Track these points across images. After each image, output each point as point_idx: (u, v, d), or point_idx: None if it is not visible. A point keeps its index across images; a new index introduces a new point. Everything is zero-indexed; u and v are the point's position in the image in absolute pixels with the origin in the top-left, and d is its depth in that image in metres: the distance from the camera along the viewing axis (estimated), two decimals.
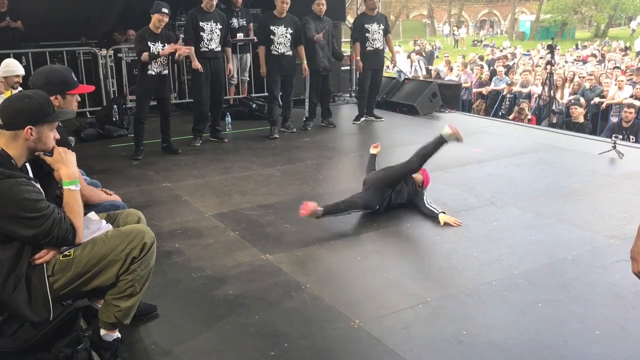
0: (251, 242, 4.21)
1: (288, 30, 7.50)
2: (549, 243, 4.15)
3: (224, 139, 7.58)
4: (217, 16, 7.15)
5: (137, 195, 5.27)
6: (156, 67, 6.47)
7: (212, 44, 7.10)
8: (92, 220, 2.73)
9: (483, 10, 50.24)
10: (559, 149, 6.97)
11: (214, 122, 7.57)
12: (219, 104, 7.55)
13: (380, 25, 8.31)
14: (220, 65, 7.34)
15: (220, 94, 7.51)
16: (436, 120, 8.90)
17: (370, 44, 8.27)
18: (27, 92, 2.59)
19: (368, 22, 8.25)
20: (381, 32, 8.32)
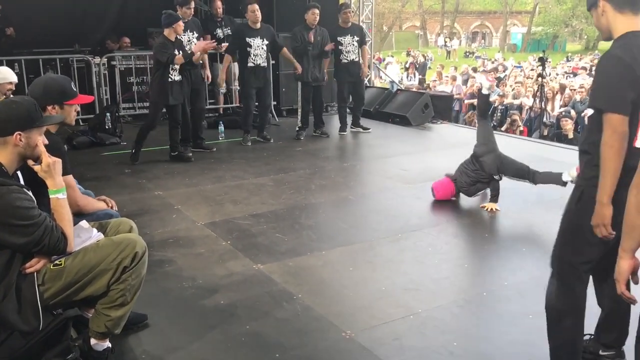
0: (243, 252, 4.21)
1: (264, 41, 7.48)
2: (539, 254, 4.16)
3: (212, 148, 7.51)
4: (192, 25, 7.11)
5: (129, 204, 5.26)
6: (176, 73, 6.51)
7: None
8: (83, 229, 2.73)
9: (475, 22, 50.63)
10: (550, 160, 7.01)
11: (196, 132, 7.44)
12: (200, 114, 7.50)
13: (354, 37, 8.25)
14: (199, 74, 7.32)
15: (201, 103, 7.45)
16: (428, 131, 8.94)
17: (344, 56, 8.23)
18: (14, 98, 2.60)
19: (341, 34, 8.20)
20: (356, 44, 8.28)
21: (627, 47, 2.27)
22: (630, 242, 1.94)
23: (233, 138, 8.15)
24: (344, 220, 5.04)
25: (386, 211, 5.17)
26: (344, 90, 8.50)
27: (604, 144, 2.22)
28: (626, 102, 2.24)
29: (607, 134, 2.21)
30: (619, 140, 2.20)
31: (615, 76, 2.29)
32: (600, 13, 2.35)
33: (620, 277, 1.99)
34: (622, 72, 2.26)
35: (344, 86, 8.46)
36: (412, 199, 5.47)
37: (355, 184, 6.26)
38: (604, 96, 2.31)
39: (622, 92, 2.24)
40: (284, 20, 9.53)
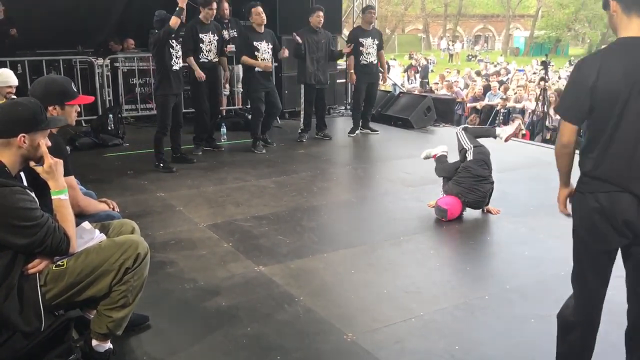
0: (244, 254, 4.21)
1: (269, 45, 7.48)
2: (541, 258, 4.16)
3: (221, 147, 7.64)
4: (214, 27, 7.23)
5: (131, 205, 5.26)
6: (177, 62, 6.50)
7: (210, 55, 7.16)
8: (86, 230, 2.73)
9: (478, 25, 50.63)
10: (552, 164, 6.97)
11: (210, 132, 7.62)
12: (216, 114, 7.61)
13: (374, 40, 8.37)
14: (218, 75, 7.39)
15: (217, 104, 7.56)
16: (430, 134, 8.94)
17: (364, 57, 8.32)
18: (19, 100, 2.60)
19: (363, 36, 8.32)
20: (375, 47, 8.37)
21: (609, 52, 2.25)
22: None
23: (235, 140, 8.16)
24: (345, 222, 5.04)
25: (388, 214, 5.17)
26: (362, 92, 8.50)
27: (555, 145, 2.46)
28: (577, 110, 2.29)
29: (558, 137, 2.44)
30: (560, 147, 2.42)
31: (572, 83, 2.31)
32: (612, 13, 2.27)
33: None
34: (581, 79, 2.25)
35: (363, 87, 8.46)
36: (414, 202, 5.46)
37: (357, 186, 6.26)
38: (561, 101, 2.41)
39: (575, 101, 2.28)
40: (287, 23, 9.53)
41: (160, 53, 6.34)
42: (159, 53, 6.35)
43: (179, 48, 6.49)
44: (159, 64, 6.47)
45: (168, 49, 6.32)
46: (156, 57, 6.49)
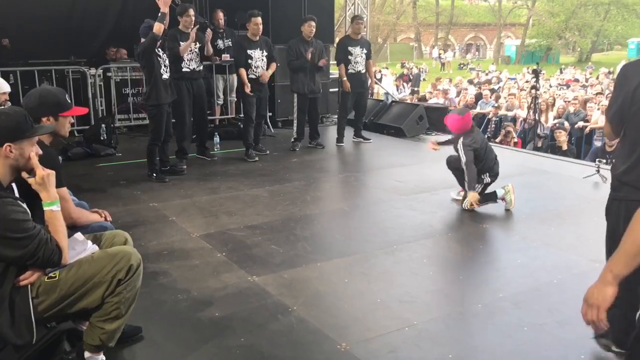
0: (238, 264, 4.20)
1: (263, 52, 7.52)
2: (534, 266, 4.17)
3: (214, 157, 7.61)
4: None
5: (124, 215, 5.25)
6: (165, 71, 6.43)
7: (192, 64, 7.08)
8: (78, 241, 2.72)
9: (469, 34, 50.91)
10: (544, 172, 7.05)
11: (202, 141, 7.57)
12: (204, 123, 7.55)
13: (363, 50, 8.42)
14: (201, 85, 7.35)
15: (203, 113, 7.47)
16: (423, 143, 8.96)
17: (352, 66, 8.37)
18: (3, 109, 2.59)
19: (352, 45, 8.37)
20: (364, 56, 8.42)
21: None
22: (625, 269, 1.74)
23: (228, 149, 8.16)
24: (339, 231, 5.04)
25: (381, 223, 5.17)
26: (348, 101, 8.55)
27: None
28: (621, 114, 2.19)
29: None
30: None
31: (616, 87, 2.27)
32: None
33: (604, 304, 1.80)
34: (624, 83, 2.21)
35: (348, 97, 8.50)
36: (407, 211, 5.48)
37: (351, 195, 6.27)
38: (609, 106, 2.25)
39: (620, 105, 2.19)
40: (280, 32, 9.57)
41: (149, 62, 6.26)
42: (147, 62, 6.27)
43: (166, 57, 6.44)
44: (147, 74, 6.39)
45: (156, 57, 6.24)
46: (144, 66, 6.42)
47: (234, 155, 7.84)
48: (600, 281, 1.78)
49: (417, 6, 47.46)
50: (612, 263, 1.75)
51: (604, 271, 1.77)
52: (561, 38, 43.13)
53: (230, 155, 7.93)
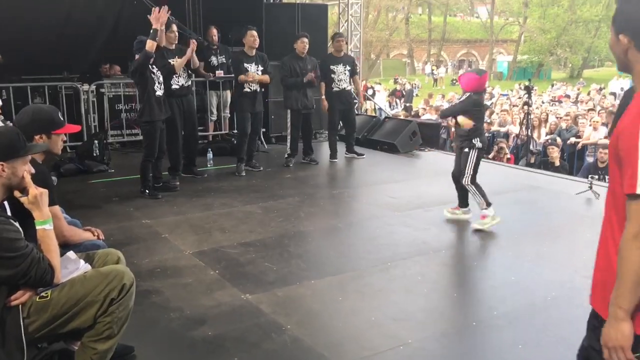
0: (231, 282, 4.17)
1: (259, 67, 7.54)
2: (528, 283, 4.17)
3: (203, 174, 7.54)
4: (179, 51, 7.09)
5: (116, 232, 5.21)
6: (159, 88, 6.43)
7: (180, 80, 7.05)
8: (71, 260, 2.70)
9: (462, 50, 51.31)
10: (537, 188, 7.07)
11: (190, 159, 7.49)
12: (194, 141, 7.52)
13: (346, 67, 8.40)
14: (191, 101, 7.35)
15: (194, 130, 7.45)
16: (416, 159, 8.99)
17: (336, 84, 8.37)
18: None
19: (333, 63, 8.36)
20: (347, 74, 8.42)
21: None
22: (632, 301, 1.66)
23: (222, 165, 8.14)
24: (333, 248, 5.02)
25: (375, 239, 5.16)
26: (335, 118, 8.57)
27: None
28: None
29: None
30: None
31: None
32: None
33: (626, 342, 1.68)
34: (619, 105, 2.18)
35: (335, 114, 8.52)
36: (400, 227, 5.47)
37: (345, 211, 6.26)
38: None
39: None
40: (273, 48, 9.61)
41: (142, 79, 6.27)
42: (140, 79, 6.29)
43: (159, 74, 6.44)
44: (141, 91, 6.41)
45: (149, 74, 6.24)
46: (138, 83, 6.44)
47: (227, 172, 7.83)
48: (614, 320, 1.69)
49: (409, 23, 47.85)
50: (618, 300, 1.68)
51: (612, 310, 1.70)
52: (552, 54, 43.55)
53: (223, 171, 7.92)
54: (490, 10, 47.68)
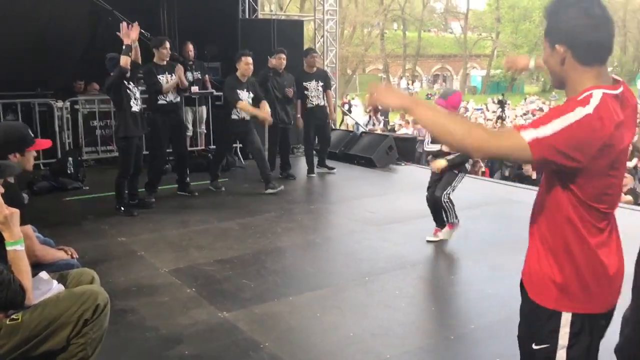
0: (208, 299, 4.13)
1: (249, 94, 7.36)
2: (505, 295, 4.19)
3: (195, 192, 7.39)
4: (170, 68, 7.04)
5: (91, 251, 5.12)
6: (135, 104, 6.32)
7: (169, 96, 7.00)
8: (43, 280, 2.65)
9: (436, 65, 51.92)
10: (512, 201, 7.16)
11: (182, 176, 7.42)
12: (184, 158, 7.45)
13: (319, 82, 8.38)
14: (180, 117, 7.31)
15: (183, 147, 7.40)
16: (393, 173, 9.05)
17: (309, 101, 8.34)
18: None
19: (306, 79, 8.32)
20: (320, 89, 8.41)
21: None
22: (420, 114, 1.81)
23: (198, 181, 8.08)
24: (311, 264, 5.01)
25: (353, 254, 5.16)
26: (311, 134, 8.59)
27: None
28: None
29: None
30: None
31: None
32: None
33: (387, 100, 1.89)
34: None
35: (311, 129, 8.54)
36: (378, 242, 5.48)
37: (322, 226, 6.26)
38: None
39: None
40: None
41: (117, 95, 6.22)
42: (116, 95, 6.24)
43: (136, 90, 6.39)
44: (116, 107, 6.39)
45: (125, 90, 6.18)
46: (113, 99, 6.40)
47: (203, 188, 7.77)
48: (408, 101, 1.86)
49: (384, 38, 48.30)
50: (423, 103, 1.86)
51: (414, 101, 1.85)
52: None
53: (200, 187, 7.86)
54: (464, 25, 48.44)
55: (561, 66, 1.78)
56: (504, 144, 1.71)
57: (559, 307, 1.83)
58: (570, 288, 1.81)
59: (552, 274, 1.83)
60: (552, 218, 1.83)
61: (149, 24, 9.20)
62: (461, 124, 1.77)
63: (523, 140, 1.66)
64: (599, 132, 1.64)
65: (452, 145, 1.87)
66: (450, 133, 1.75)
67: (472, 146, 1.74)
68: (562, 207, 1.79)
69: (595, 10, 1.71)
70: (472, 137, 1.72)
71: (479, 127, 1.80)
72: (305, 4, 29.72)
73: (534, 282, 1.90)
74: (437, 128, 1.79)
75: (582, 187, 1.73)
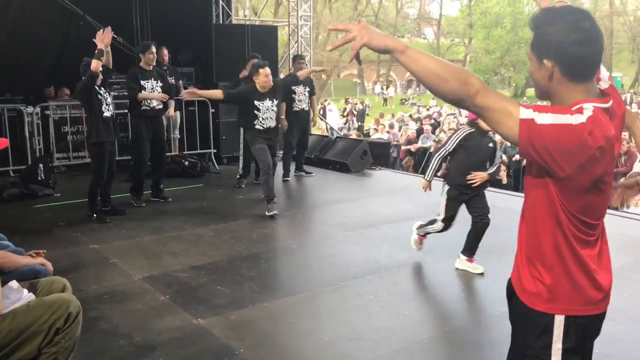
0: (182, 306, 4.10)
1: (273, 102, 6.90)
2: (479, 299, 4.26)
3: (168, 198, 7.35)
4: (156, 74, 7.03)
5: (62, 258, 5.05)
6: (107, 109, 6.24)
7: (153, 102, 6.96)
8: (13, 289, 2.61)
9: None
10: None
11: (156, 182, 7.37)
12: (160, 164, 7.37)
13: (306, 88, 8.55)
14: (161, 123, 7.25)
15: (163, 152, 7.35)
16: (367, 178, 9.10)
17: (296, 104, 8.48)
18: None
19: (295, 84, 8.47)
20: (307, 94, 8.57)
21: None
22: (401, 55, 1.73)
23: (171, 187, 8.02)
24: (286, 269, 5.02)
25: (328, 259, 5.18)
26: (292, 138, 8.60)
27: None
28: None
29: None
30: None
31: None
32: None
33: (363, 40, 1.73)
34: None
35: (293, 134, 8.58)
36: (352, 247, 5.51)
37: (297, 232, 6.26)
38: None
39: None
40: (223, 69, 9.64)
41: (87, 100, 6.16)
42: (86, 100, 6.18)
43: (107, 95, 6.33)
44: (87, 112, 6.32)
45: (95, 95, 6.11)
46: (84, 104, 6.35)
47: (178, 193, 7.72)
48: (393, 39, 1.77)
49: None
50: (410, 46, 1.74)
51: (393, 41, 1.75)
52: (497, 74, 45.00)
53: (173, 193, 7.80)
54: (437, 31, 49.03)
55: (549, 81, 1.72)
56: (498, 103, 1.63)
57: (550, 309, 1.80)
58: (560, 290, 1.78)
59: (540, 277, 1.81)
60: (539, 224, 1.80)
61: (121, 28, 9.13)
62: (456, 70, 1.67)
63: (517, 112, 1.60)
64: (590, 142, 1.59)
65: (442, 93, 1.69)
66: (443, 79, 1.65)
67: (466, 94, 1.63)
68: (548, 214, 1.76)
69: (585, 23, 1.66)
70: (468, 85, 1.63)
71: (474, 76, 1.67)
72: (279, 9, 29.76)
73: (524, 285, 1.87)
74: (428, 74, 1.68)
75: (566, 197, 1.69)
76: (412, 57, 1.70)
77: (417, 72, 1.71)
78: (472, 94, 1.63)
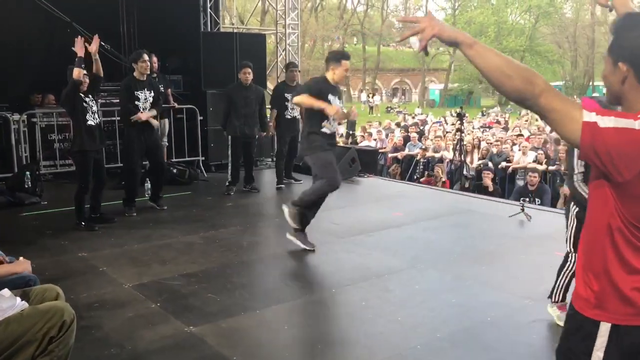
0: (173, 314, 4.08)
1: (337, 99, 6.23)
2: (468, 305, 4.28)
3: (164, 207, 7.31)
4: (149, 84, 6.99)
5: (51, 267, 5.01)
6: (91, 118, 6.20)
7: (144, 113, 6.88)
8: (5, 298, 2.59)
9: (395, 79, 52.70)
10: (472, 212, 7.31)
11: (157, 190, 7.34)
12: (160, 172, 7.32)
13: None
14: (155, 132, 7.21)
15: (158, 160, 7.27)
16: (356, 185, 9.12)
17: (288, 112, 8.55)
18: None
19: (287, 91, 8.51)
20: None
21: None
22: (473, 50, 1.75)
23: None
24: (277, 277, 5.01)
25: (319, 266, 5.19)
26: (284, 146, 8.64)
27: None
28: None
29: None
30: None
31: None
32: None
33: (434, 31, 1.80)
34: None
35: (285, 141, 8.61)
36: (343, 254, 5.52)
37: (288, 239, 6.24)
38: None
39: None
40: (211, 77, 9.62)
41: (70, 108, 6.13)
42: (70, 108, 6.15)
43: (93, 103, 6.27)
44: (72, 120, 6.29)
45: (80, 103, 6.08)
46: (67, 112, 6.32)
47: (166, 201, 7.68)
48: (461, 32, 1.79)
49: None
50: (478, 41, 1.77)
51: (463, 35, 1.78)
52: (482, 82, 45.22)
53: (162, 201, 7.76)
54: None
55: (621, 85, 1.71)
56: (561, 105, 1.64)
57: (596, 316, 1.77)
58: (607, 297, 1.75)
59: (590, 283, 1.78)
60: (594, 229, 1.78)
61: (109, 35, 9.10)
62: (522, 69, 1.68)
63: (580, 115, 1.60)
64: None
65: (506, 90, 1.71)
66: (508, 76, 1.67)
67: (531, 93, 1.65)
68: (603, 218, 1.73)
69: None
70: (533, 84, 1.64)
71: (539, 76, 1.68)
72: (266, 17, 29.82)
73: (578, 290, 1.84)
74: (494, 70, 1.70)
75: (623, 202, 1.67)
76: (479, 52, 1.73)
77: (483, 67, 1.73)
78: (536, 93, 1.65)
